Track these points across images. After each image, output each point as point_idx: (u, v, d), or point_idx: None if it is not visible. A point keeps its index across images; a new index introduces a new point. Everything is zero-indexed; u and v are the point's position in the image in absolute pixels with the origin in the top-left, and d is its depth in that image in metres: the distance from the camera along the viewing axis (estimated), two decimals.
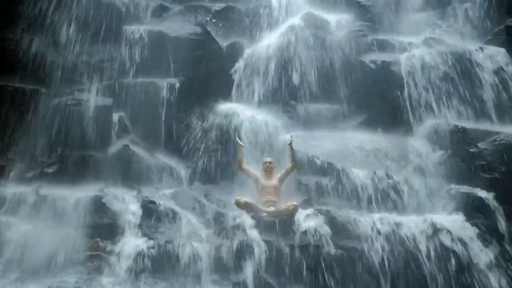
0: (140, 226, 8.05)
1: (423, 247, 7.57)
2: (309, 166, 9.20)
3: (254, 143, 9.75)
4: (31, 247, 7.74)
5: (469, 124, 9.30)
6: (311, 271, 7.43)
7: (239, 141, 9.12)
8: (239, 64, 11.08)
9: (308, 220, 7.84)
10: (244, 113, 10.21)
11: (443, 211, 8.27)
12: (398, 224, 7.77)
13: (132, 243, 7.72)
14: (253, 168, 8.95)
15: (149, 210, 8.24)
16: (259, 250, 7.57)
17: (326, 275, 7.41)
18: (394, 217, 7.98)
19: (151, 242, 7.70)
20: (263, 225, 7.88)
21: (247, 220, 7.92)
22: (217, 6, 12.16)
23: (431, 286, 7.38)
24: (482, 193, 8.18)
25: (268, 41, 11.42)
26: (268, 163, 8.87)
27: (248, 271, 7.42)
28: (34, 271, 7.54)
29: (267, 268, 7.48)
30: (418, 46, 11.12)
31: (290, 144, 8.78)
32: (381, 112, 10.48)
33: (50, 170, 9.60)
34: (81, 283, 7.33)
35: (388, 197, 8.62)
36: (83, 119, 10.01)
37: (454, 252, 7.54)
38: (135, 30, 11.45)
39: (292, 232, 7.76)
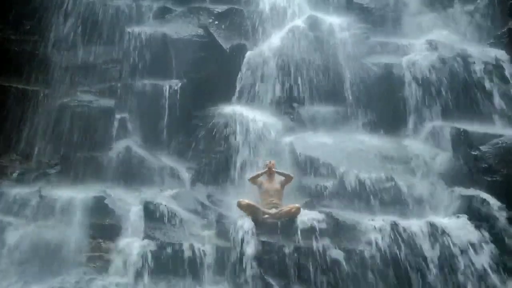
0: (142, 227, 8.05)
1: (425, 250, 7.55)
2: (311, 168, 9.21)
3: (256, 145, 9.75)
4: (33, 248, 7.76)
5: (471, 127, 9.27)
6: (313, 273, 7.43)
7: (272, 165, 8.95)
8: (242, 66, 11.08)
9: (310, 222, 7.84)
10: (247, 115, 10.20)
11: (445, 214, 8.25)
12: (400, 227, 7.75)
13: (134, 244, 7.73)
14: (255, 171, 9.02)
15: (151, 211, 8.24)
16: (261, 251, 7.58)
17: (327, 277, 7.41)
18: (396, 219, 7.95)
19: (153, 243, 7.70)
20: (265, 227, 7.89)
21: (249, 221, 7.92)
22: (220, 8, 12.14)
23: None
24: (484, 196, 8.16)
25: (271, 43, 11.42)
26: (270, 165, 8.88)
27: (250, 273, 7.42)
28: (36, 272, 7.56)
29: (269, 270, 7.49)
30: (420, 49, 11.11)
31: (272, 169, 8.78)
32: (384, 114, 10.49)
33: (52, 171, 9.63)
34: (83, 284, 7.36)
35: (390, 200, 8.62)
36: (86, 120, 10.04)
37: (456, 254, 7.53)
38: (138, 32, 11.46)
39: (294, 234, 7.75)
